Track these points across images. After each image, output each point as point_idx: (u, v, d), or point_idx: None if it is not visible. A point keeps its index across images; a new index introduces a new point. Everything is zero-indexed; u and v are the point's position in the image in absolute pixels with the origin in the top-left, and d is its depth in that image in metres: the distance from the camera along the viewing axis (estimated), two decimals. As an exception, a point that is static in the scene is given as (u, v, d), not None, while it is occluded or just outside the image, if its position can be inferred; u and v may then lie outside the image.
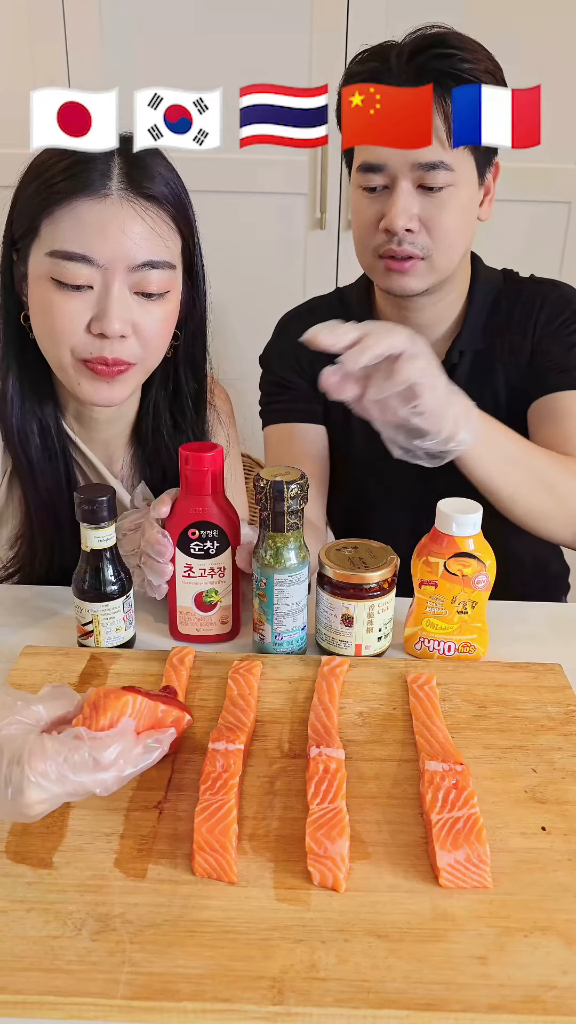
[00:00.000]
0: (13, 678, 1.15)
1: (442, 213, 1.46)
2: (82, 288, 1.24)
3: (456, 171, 1.44)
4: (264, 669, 1.18)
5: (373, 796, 0.97)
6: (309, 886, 0.86)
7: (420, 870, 0.88)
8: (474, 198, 1.51)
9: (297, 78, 1.05)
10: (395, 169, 1.44)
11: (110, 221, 1.23)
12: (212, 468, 1.20)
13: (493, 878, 0.86)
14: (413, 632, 1.24)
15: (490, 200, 1.56)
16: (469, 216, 1.51)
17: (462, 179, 1.46)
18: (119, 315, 1.25)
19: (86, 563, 1.20)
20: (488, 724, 1.09)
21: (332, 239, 2.95)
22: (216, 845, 0.87)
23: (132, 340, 1.28)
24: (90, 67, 2.72)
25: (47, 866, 0.88)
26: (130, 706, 0.93)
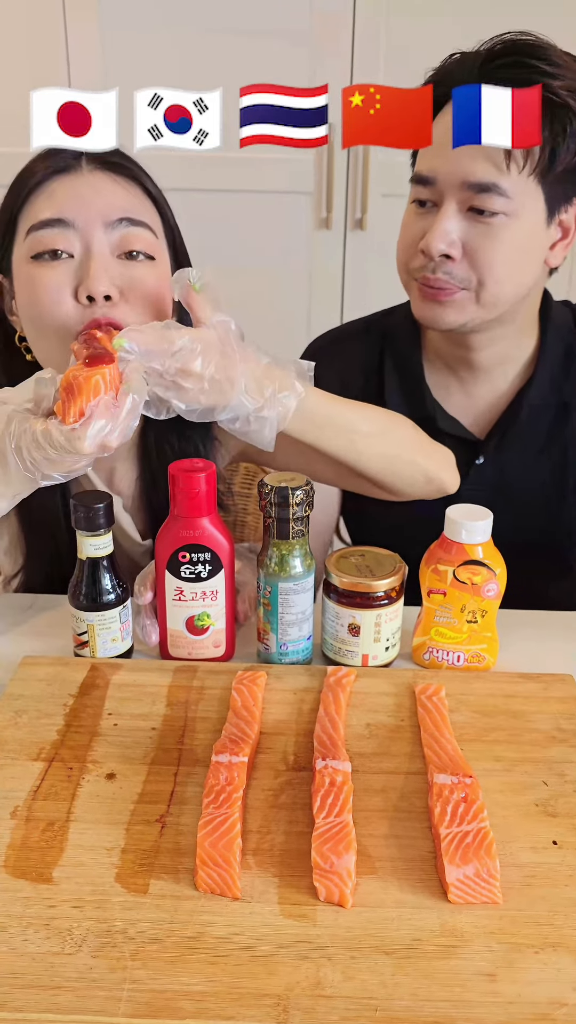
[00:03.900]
0: (12, 688, 1.15)
1: (490, 243, 1.36)
2: (61, 255, 1.24)
3: (514, 199, 1.34)
4: (269, 680, 1.18)
5: (380, 809, 0.97)
6: (315, 902, 0.86)
7: (428, 885, 0.88)
8: (537, 234, 1.39)
9: (298, 78, 1.06)
10: (443, 185, 1.37)
11: (81, 186, 1.26)
12: (204, 489, 1.17)
13: (503, 893, 0.86)
14: (421, 642, 1.25)
15: (567, 244, 1.43)
16: (527, 254, 1.40)
17: (522, 209, 1.35)
18: (102, 273, 1.23)
19: (82, 571, 1.20)
20: (498, 736, 1.09)
21: (339, 239, 2.95)
22: (219, 860, 0.87)
23: (123, 305, 1.25)
24: (90, 67, 2.74)
25: (46, 881, 0.88)
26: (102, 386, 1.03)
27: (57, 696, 1.14)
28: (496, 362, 1.54)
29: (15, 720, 1.10)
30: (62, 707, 1.12)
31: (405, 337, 1.62)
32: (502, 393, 1.57)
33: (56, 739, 1.07)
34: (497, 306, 1.42)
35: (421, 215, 1.42)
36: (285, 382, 1.15)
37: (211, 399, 1.12)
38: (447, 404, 1.58)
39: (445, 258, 1.38)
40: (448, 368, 1.58)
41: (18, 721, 1.10)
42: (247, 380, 1.12)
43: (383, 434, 1.28)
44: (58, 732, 1.08)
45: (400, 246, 1.48)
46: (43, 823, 0.95)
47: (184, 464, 1.19)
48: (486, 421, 1.58)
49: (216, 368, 1.10)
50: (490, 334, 1.48)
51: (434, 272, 1.39)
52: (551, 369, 1.54)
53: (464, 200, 1.36)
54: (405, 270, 1.47)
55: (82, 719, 1.10)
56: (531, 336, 1.55)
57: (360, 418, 1.26)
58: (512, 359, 1.55)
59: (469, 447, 1.56)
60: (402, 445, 1.30)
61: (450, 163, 1.35)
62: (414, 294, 1.46)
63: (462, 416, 1.58)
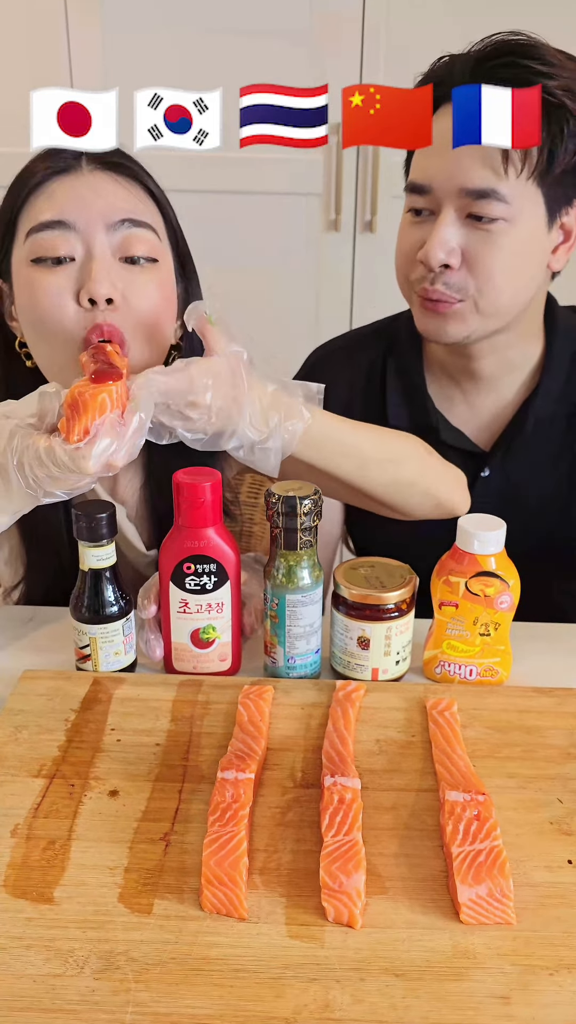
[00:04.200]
0: (12, 703, 1.16)
1: (490, 250, 1.35)
2: (63, 261, 1.25)
3: (513, 204, 1.34)
4: (276, 694, 1.18)
5: (390, 828, 0.97)
6: (323, 922, 0.86)
7: (440, 905, 0.88)
8: (538, 239, 1.39)
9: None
10: (440, 193, 1.36)
11: (82, 187, 1.27)
12: (210, 499, 1.17)
13: (516, 914, 0.86)
14: (433, 655, 1.25)
15: (569, 247, 1.43)
16: (529, 259, 1.39)
17: (522, 214, 1.35)
18: (104, 277, 1.23)
19: (84, 583, 1.20)
20: (511, 752, 1.09)
21: (348, 241, 2.96)
22: (225, 879, 0.87)
23: (125, 308, 1.26)
24: (92, 67, 2.75)
25: (47, 901, 0.88)
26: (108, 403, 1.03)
27: (58, 711, 1.15)
28: (500, 371, 1.53)
29: (15, 736, 1.10)
30: (63, 722, 1.13)
31: (406, 347, 1.61)
32: (507, 403, 1.56)
33: (57, 755, 1.07)
34: (499, 315, 1.41)
35: (418, 224, 1.42)
36: (292, 410, 1.15)
37: (216, 428, 1.12)
38: (450, 415, 1.58)
39: (444, 268, 1.37)
40: (450, 378, 1.58)
41: (18, 737, 1.10)
42: (252, 410, 1.13)
43: (393, 459, 1.28)
44: (59, 748, 1.08)
45: (398, 258, 1.47)
46: (44, 841, 0.95)
47: (189, 472, 1.19)
48: (491, 432, 1.58)
49: (224, 399, 1.11)
50: (492, 342, 1.47)
51: (433, 283, 1.39)
52: (558, 377, 1.53)
53: (462, 207, 1.35)
54: (405, 282, 1.47)
55: (84, 735, 1.11)
56: (536, 343, 1.54)
57: (369, 442, 1.26)
58: (517, 367, 1.54)
59: (474, 459, 1.55)
60: (412, 469, 1.31)
61: (446, 170, 1.34)
62: (415, 307, 1.46)
63: (466, 427, 1.57)
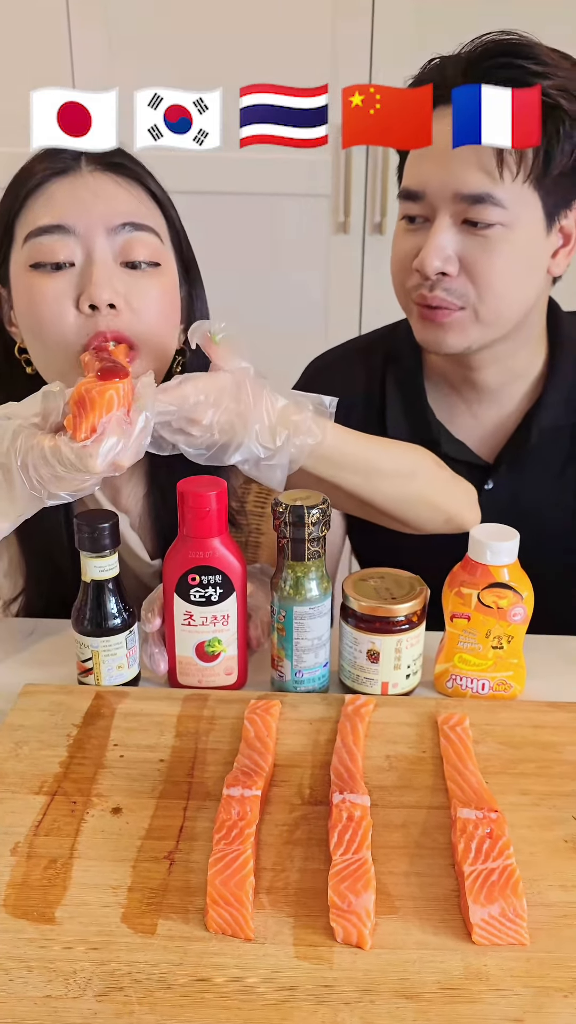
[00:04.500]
0: (13, 718, 1.16)
1: (487, 257, 1.35)
2: (63, 266, 1.25)
3: (510, 208, 1.33)
4: (283, 709, 1.18)
5: (401, 846, 0.97)
6: (332, 943, 0.86)
7: (451, 926, 0.88)
8: (537, 243, 1.38)
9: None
10: (435, 198, 1.35)
11: (81, 189, 1.27)
12: (215, 508, 1.17)
13: (530, 934, 0.86)
14: (444, 669, 1.25)
15: (569, 251, 1.42)
16: (528, 265, 1.39)
17: (519, 218, 1.34)
18: (105, 281, 1.24)
19: (86, 595, 1.21)
20: (525, 768, 1.09)
21: (357, 244, 2.96)
22: (231, 898, 0.87)
23: (127, 314, 1.26)
24: (94, 67, 2.77)
25: (49, 921, 0.88)
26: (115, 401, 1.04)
27: (60, 726, 1.15)
28: (503, 381, 1.53)
29: (16, 752, 1.10)
30: (65, 738, 1.13)
31: (406, 356, 1.60)
32: (510, 413, 1.56)
33: (59, 771, 1.07)
34: (500, 323, 1.41)
35: (412, 232, 1.41)
36: (301, 427, 1.16)
37: (220, 443, 1.13)
38: (452, 427, 1.57)
39: (442, 275, 1.37)
40: (452, 388, 1.57)
41: (19, 753, 1.10)
42: (260, 426, 1.13)
43: (403, 474, 1.29)
44: (61, 764, 1.09)
45: (393, 267, 1.46)
46: (45, 860, 0.95)
47: (194, 481, 1.19)
48: (495, 443, 1.58)
49: (228, 414, 1.11)
50: (494, 351, 1.47)
51: (432, 290, 1.38)
52: (562, 386, 1.53)
53: (457, 213, 1.35)
54: (402, 291, 1.46)
55: (86, 750, 1.11)
56: (539, 351, 1.54)
57: (380, 457, 1.26)
58: (520, 377, 1.54)
59: (478, 472, 1.55)
60: (422, 484, 1.31)
61: (439, 175, 1.34)
62: (414, 318, 1.45)
63: (469, 439, 1.57)
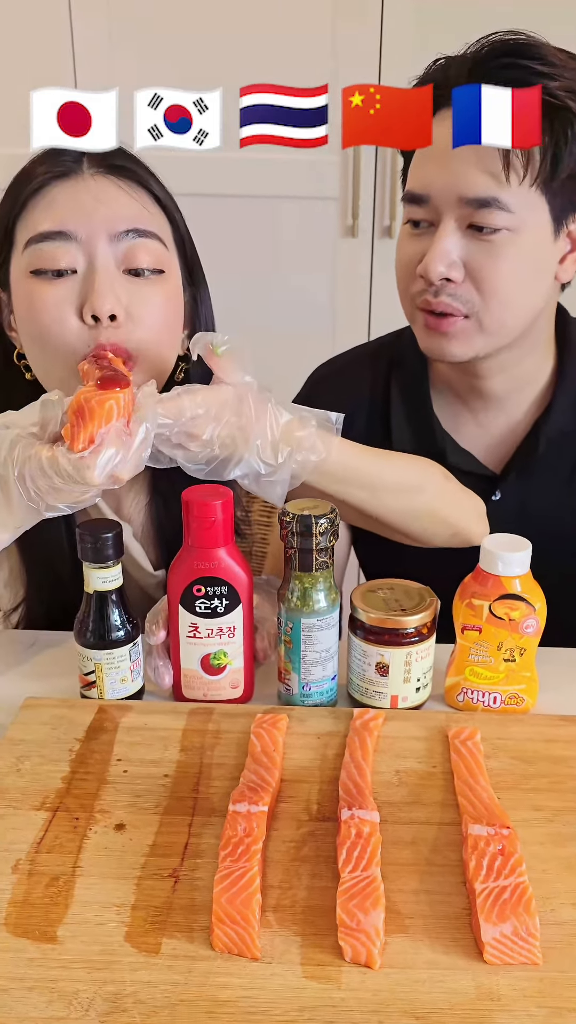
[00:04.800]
0: (14, 732, 1.16)
1: (493, 262, 1.34)
2: (65, 273, 1.25)
3: (516, 213, 1.33)
4: (290, 723, 1.18)
5: (411, 863, 0.98)
6: (340, 962, 0.86)
7: (462, 945, 0.88)
8: (544, 249, 1.38)
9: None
10: (439, 202, 1.35)
11: (83, 193, 1.27)
12: (221, 517, 1.17)
13: (543, 953, 0.86)
14: (455, 682, 1.25)
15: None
16: (535, 271, 1.38)
17: (526, 223, 1.34)
18: (107, 290, 1.24)
19: (89, 606, 1.21)
20: (538, 783, 1.09)
21: (366, 248, 2.96)
22: (237, 917, 0.87)
23: (129, 324, 1.26)
24: (95, 69, 2.78)
25: (51, 940, 0.88)
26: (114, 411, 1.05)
27: (62, 741, 1.15)
28: (510, 389, 1.53)
29: (17, 767, 1.11)
30: (67, 752, 1.13)
31: (410, 365, 1.60)
32: (518, 422, 1.56)
33: (61, 787, 1.08)
34: (505, 331, 1.40)
35: (417, 237, 1.41)
36: (304, 443, 1.16)
37: (221, 458, 1.14)
38: (458, 436, 1.57)
39: (446, 281, 1.36)
40: (458, 397, 1.57)
41: (20, 768, 1.11)
42: (262, 442, 1.14)
43: (409, 488, 1.30)
44: (63, 779, 1.09)
45: (398, 272, 1.46)
46: (47, 878, 0.95)
47: (199, 490, 1.19)
48: (502, 453, 1.58)
49: (228, 428, 1.12)
50: (500, 360, 1.46)
51: (436, 296, 1.38)
52: (571, 393, 1.53)
53: (462, 217, 1.34)
54: (407, 298, 1.45)
55: (89, 765, 1.11)
56: (547, 359, 1.54)
57: (385, 472, 1.27)
58: (527, 385, 1.53)
59: (485, 482, 1.55)
60: (429, 498, 1.32)
61: (444, 178, 1.34)
62: (418, 326, 1.45)
63: (475, 449, 1.57)
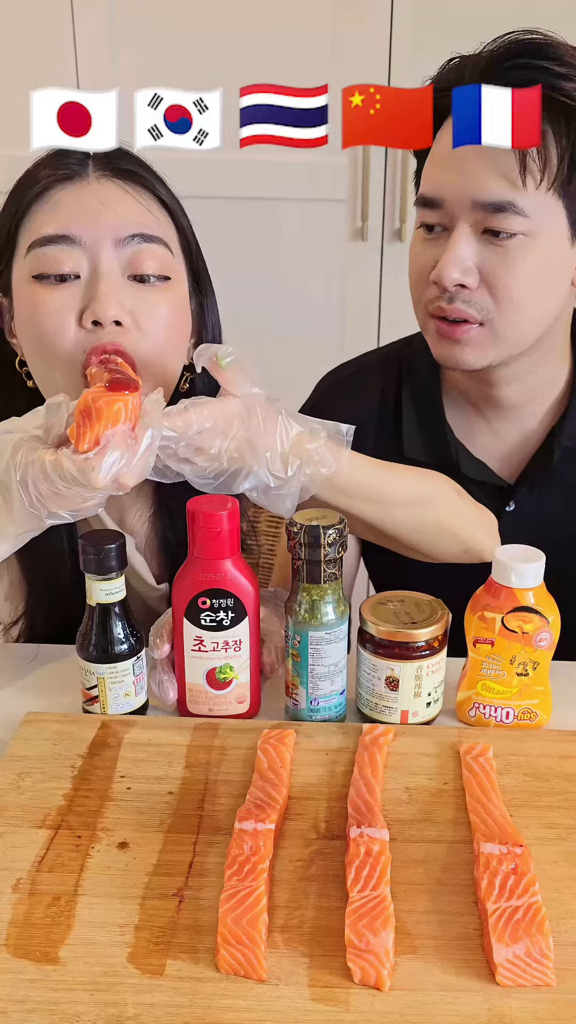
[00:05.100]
0: (15, 748, 1.16)
1: (508, 268, 1.34)
2: (68, 278, 1.26)
3: (533, 217, 1.32)
4: (298, 739, 1.18)
5: (421, 882, 0.97)
6: (349, 984, 0.86)
7: (474, 966, 0.88)
8: (561, 254, 1.37)
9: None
10: (453, 207, 1.35)
11: (87, 197, 1.27)
12: (227, 528, 1.17)
13: (557, 975, 0.86)
14: (467, 697, 1.25)
15: None
16: (551, 277, 1.38)
17: (542, 228, 1.33)
18: (111, 295, 1.24)
19: (91, 619, 1.21)
20: (551, 801, 1.09)
21: (375, 251, 2.97)
22: (243, 937, 0.87)
23: (133, 331, 1.26)
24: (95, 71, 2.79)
25: (52, 961, 0.88)
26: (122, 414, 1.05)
27: (64, 757, 1.15)
28: (524, 398, 1.53)
29: (17, 783, 1.11)
30: (69, 769, 1.13)
31: (423, 372, 1.60)
32: (532, 431, 1.56)
33: (63, 804, 1.08)
34: (519, 339, 1.40)
35: (430, 242, 1.40)
36: (315, 456, 1.17)
37: (229, 471, 1.14)
38: (471, 445, 1.57)
39: (460, 287, 1.36)
40: (471, 406, 1.57)
41: (21, 785, 1.11)
42: (271, 454, 1.14)
43: (420, 502, 1.30)
44: (65, 796, 1.09)
45: (411, 279, 1.46)
46: (48, 897, 0.95)
47: (204, 500, 1.18)
48: (516, 463, 1.58)
49: (237, 440, 1.13)
50: (515, 368, 1.46)
51: (450, 302, 1.37)
52: None
53: (477, 221, 1.34)
54: (419, 305, 1.45)
55: (92, 782, 1.11)
56: (562, 367, 1.54)
57: (396, 486, 1.28)
58: (542, 394, 1.53)
59: (498, 493, 1.55)
60: (440, 512, 1.32)
61: (459, 181, 1.34)
62: (430, 333, 1.45)
63: (489, 458, 1.57)
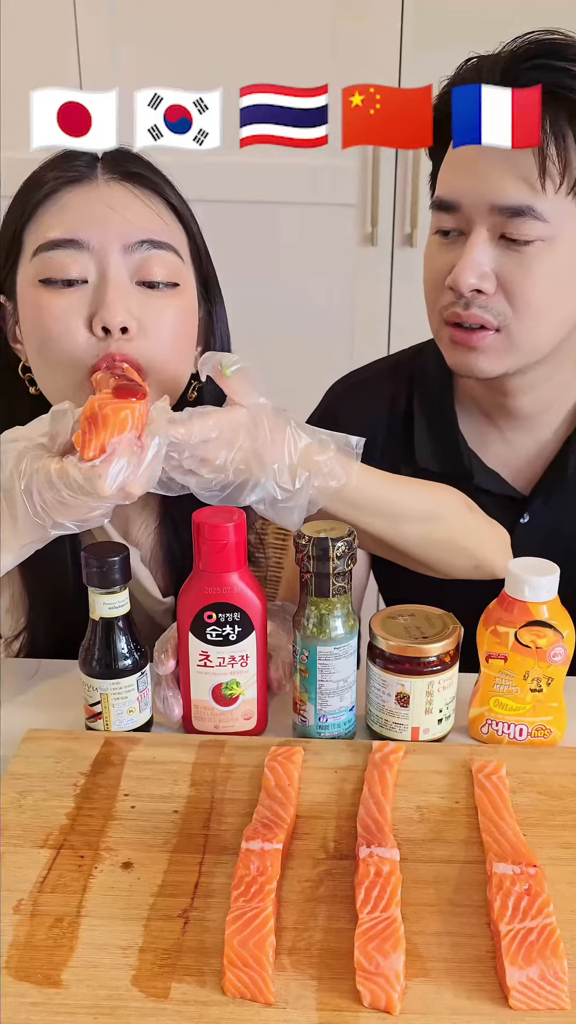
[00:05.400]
0: (16, 766, 1.17)
1: (526, 274, 1.34)
2: (75, 283, 1.26)
3: (552, 222, 1.31)
4: (306, 756, 1.18)
5: (432, 903, 0.97)
6: (358, 1008, 0.86)
7: (486, 989, 0.88)
8: None
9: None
10: (470, 210, 1.34)
11: (96, 201, 1.28)
12: (233, 540, 1.17)
13: (571, 998, 0.86)
14: (479, 713, 1.25)
15: None
16: (570, 283, 1.37)
17: (562, 233, 1.33)
18: (119, 301, 1.24)
19: (94, 634, 1.21)
20: (566, 820, 1.09)
21: (385, 257, 2.97)
22: (250, 960, 0.87)
23: (141, 338, 1.26)
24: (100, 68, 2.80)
25: (55, 984, 0.88)
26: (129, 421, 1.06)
27: (66, 775, 1.15)
28: (539, 408, 1.53)
29: (19, 802, 1.11)
30: (72, 787, 1.13)
31: (435, 379, 1.59)
32: (547, 441, 1.56)
33: (65, 823, 1.08)
34: (536, 346, 1.40)
35: (446, 246, 1.40)
36: (324, 468, 1.17)
37: (235, 483, 1.14)
38: (485, 456, 1.57)
39: (477, 293, 1.35)
40: (485, 415, 1.57)
41: (22, 803, 1.11)
42: (279, 466, 1.14)
43: (431, 518, 1.30)
44: (67, 815, 1.09)
45: (426, 285, 1.45)
46: (50, 919, 0.95)
47: (210, 512, 1.18)
48: (531, 474, 1.57)
49: (243, 452, 1.13)
50: (531, 377, 1.46)
51: (466, 308, 1.37)
52: None
53: (495, 226, 1.34)
54: (435, 311, 1.44)
55: (95, 801, 1.11)
56: None
57: (406, 500, 1.28)
58: (557, 403, 1.53)
59: (512, 504, 1.55)
60: (452, 529, 1.32)
61: (476, 184, 1.33)
62: (444, 341, 1.44)
63: (503, 469, 1.57)
